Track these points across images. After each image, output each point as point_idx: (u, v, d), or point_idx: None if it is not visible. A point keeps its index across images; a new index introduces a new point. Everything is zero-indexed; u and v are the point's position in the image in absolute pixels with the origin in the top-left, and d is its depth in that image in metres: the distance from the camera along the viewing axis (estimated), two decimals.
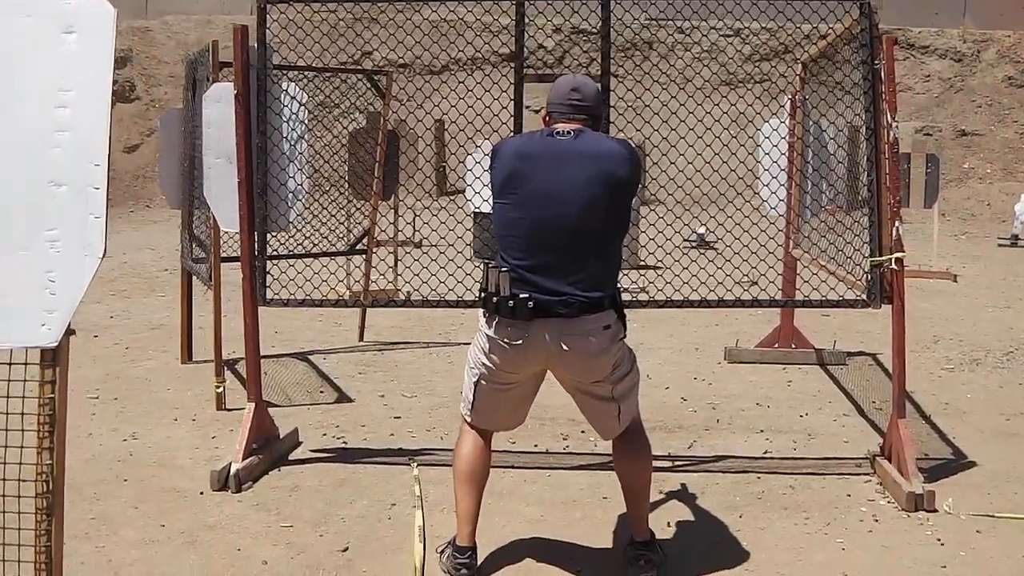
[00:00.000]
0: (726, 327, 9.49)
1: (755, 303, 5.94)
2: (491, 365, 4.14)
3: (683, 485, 5.37)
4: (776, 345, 8.26)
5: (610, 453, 4.46)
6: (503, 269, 4.00)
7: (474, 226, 13.09)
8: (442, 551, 4.37)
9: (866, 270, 5.52)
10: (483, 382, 4.21)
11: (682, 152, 5.88)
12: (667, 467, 5.62)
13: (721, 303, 5.69)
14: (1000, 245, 16.97)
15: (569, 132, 4.07)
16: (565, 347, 4.00)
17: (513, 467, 5.55)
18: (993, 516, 5.04)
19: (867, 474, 5.61)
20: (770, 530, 4.83)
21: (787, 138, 7.17)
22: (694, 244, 13.72)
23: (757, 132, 7.07)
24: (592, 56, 22.08)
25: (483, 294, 4.08)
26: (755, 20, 5.73)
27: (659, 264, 6.03)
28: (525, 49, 5.64)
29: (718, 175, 5.85)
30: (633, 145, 4.21)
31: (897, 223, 5.37)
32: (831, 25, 5.84)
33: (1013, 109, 22.35)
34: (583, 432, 6.12)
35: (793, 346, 8.28)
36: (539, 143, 4.11)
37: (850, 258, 5.81)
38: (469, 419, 4.32)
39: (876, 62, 5.41)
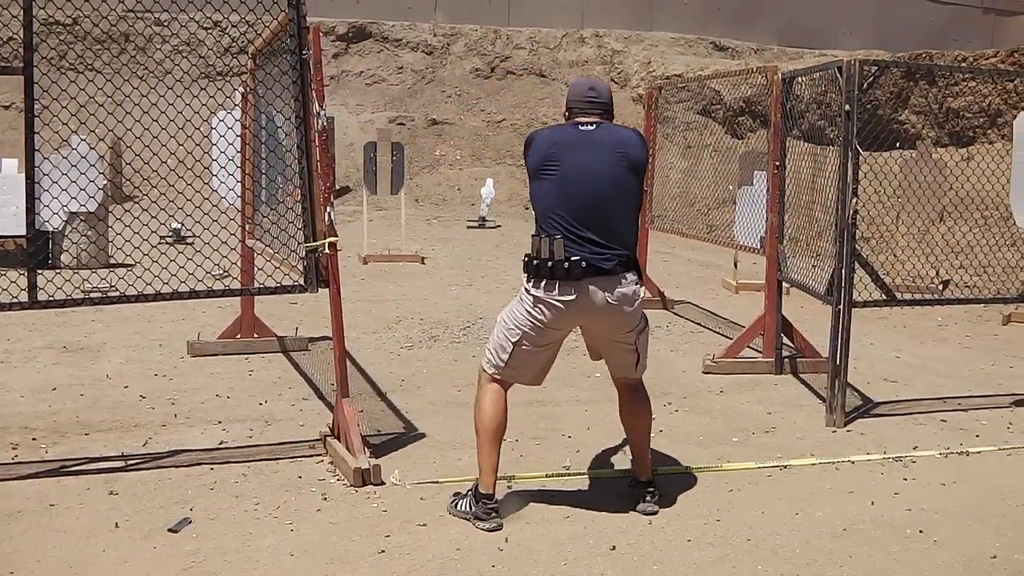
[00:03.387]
0: (192, 321, 9.38)
1: (210, 293, 5.86)
2: (539, 324, 4.82)
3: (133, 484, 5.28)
4: (238, 336, 8.29)
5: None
6: (556, 236, 4.70)
7: None
8: (456, 503, 4.97)
9: (301, 256, 5.65)
10: (524, 343, 4.87)
11: (158, 148, 5.67)
12: (120, 467, 5.51)
13: (176, 295, 5.61)
14: (469, 227, 17.95)
15: (590, 124, 4.89)
16: (611, 300, 4.78)
17: None
18: (436, 482, 5.36)
19: (319, 455, 5.77)
20: (220, 519, 4.84)
21: (236, 129, 7.19)
22: (170, 239, 13.45)
23: (205, 123, 7.03)
24: (67, 47, 21.05)
25: (536, 261, 4.75)
26: (234, 12, 5.72)
27: (129, 259, 5.86)
28: None
29: (193, 170, 5.78)
30: (641, 132, 5.28)
31: (329, 208, 5.54)
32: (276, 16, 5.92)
33: (480, 99, 23.67)
34: (34, 440, 5.88)
35: (255, 335, 8.35)
36: (567, 133, 4.90)
37: (285, 245, 5.94)
38: (499, 375, 4.95)
39: (304, 52, 5.55)
